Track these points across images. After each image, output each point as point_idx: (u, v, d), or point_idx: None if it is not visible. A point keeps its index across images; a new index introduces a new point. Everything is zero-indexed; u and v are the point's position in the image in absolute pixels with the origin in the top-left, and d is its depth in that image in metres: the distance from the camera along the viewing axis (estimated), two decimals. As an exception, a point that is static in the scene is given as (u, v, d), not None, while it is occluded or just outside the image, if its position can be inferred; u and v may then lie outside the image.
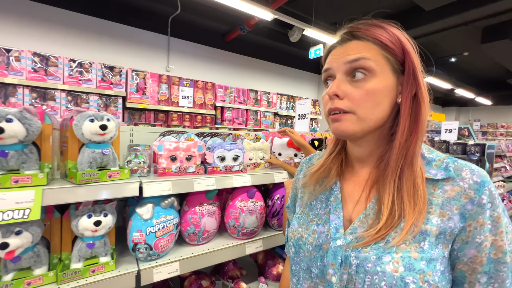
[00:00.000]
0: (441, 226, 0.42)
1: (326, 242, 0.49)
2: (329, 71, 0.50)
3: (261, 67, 5.31)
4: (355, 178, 0.55)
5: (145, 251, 0.97)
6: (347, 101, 0.46)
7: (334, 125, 0.48)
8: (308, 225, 0.55)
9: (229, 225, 1.22)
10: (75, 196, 0.81)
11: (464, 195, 0.43)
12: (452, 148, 3.62)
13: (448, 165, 0.46)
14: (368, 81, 0.46)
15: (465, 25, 4.60)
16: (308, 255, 0.51)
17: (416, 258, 0.41)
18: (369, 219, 0.47)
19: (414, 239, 0.42)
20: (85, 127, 0.83)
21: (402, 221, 0.44)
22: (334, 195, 0.54)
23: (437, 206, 0.44)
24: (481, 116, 11.14)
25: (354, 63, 0.46)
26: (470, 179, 0.43)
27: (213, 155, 1.16)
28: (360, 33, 0.48)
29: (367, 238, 0.44)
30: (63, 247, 0.93)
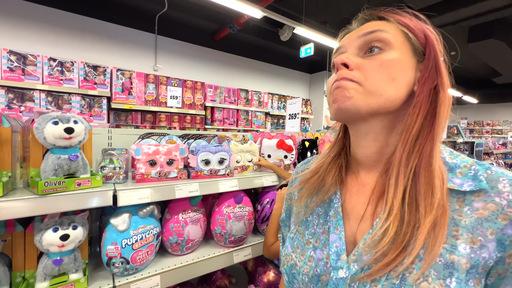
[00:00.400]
0: (472, 257, 0.32)
1: (325, 272, 0.40)
2: (341, 50, 0.44)
3: (251, 66, 5.24)
4: (359, 188, 0.44)
5: (121, 265, 0.88)
6: (356, 72, 0.39)
7: (336, 91, 0.39)
8: (303, 249, 0.45)
9: (216, 232, 1.14)
10: (35, 209, 0.72)
11: (502, 215, 0.32)
12: (442, 146, 3.65)
13: (477, 173, 0.35)
14: (383, 53, 0.39)
15: (453, 25, 4.66)
16: (304, 284, 0.42)
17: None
18: (377, 241, 0.36)
19: (438, 274, 0.32)
20: (47, 130, 0.73)
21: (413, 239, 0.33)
22: (333, 209, 0.44)
23: (465, 228, 0.33)
24: (468, 114, 11.42)
25: (368, 36, 0.40)
26: (510, 194, 0.33)
27: (197, 159, 1.09)
28: (384, 14, 0.42)
29: (375, 267, 0.34)
30: (27, 264, 0.83)
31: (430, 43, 0.39)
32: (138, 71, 3.43)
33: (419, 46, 0.40)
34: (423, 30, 0.40)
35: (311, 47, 4.26)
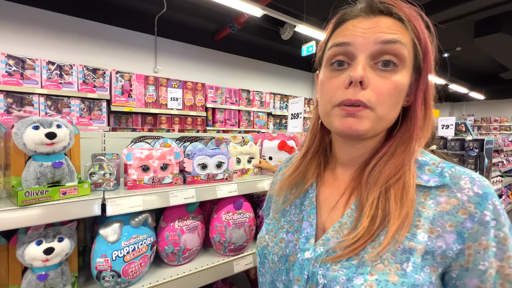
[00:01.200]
0: (428, 244, 0.35)
1: (293, 253, 0.43)
2: (347, 47, 0.39)
3: (252, 66, 5.18)
4: (334, 182, 0.48)
5: (111, 279, 0.82)
6: (370, 93, 0.37)
7: (347, 120, 0.39)
8: (276, 232, 0.49)
9: (214, 240, 1.08)
10: (15, 222, 0.66)
11: (462, 210, 0.35)
12: (450, 144, 3.54)
13: (443, 170, 0.39)
14: (397, 72, 0.38)
15: (458, 19, 4.54)
16: (273, 267, 0.45)
17: (395, 282, 0.33)
18: (344, 228, 0.40)
19: (395, 259, 0.35)
20: (27, 136, 0.68)
21: (384, 230, 0.36)
22: (309, 199, 0.48)
23: (427, 219, 0.36)
24: (475, 111, 11.20)
25: (388, 46, 0.37)
26: (470, 190, 0.36)
27: (193, 163, 1.02)
28: (397, 9, 0.39)
29: (339, 251, 0.38)
30: (10, 279, 0.78)
31: (428, 57, 0.40)
32: (138, 73, 3.39)
33: (420, 59, 0.40)
34: (426, 40, 0.40)
35: (313, 45, 4.18)
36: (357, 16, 0.40)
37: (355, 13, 0.41)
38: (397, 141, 0.41)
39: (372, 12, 0.39)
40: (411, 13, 0.39)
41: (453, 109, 11.82)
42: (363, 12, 0.40)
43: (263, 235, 0.51)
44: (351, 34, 0.39)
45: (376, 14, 0.39)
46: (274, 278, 0.45)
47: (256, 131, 4.55)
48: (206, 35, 4.61)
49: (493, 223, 0.34)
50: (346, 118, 0.39)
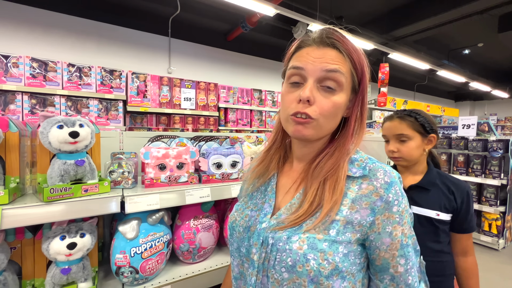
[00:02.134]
0: (348, 217, 0.48)
1: (253, 225, 0.54)
2: (301, 71, 0.50)
3: (265, 65, 5.17)
4: (290, 172, 0.59)
5: (130, 275, 0.84)
6: (315, 108, 0.49)
7: (297, 127, 0.50)
8: (243, 211, 0.59)
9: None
10: (41, 217, 0.69)
11: (375, 193, 0.49)
12: (472, 145, 3.37)
13: (366, 165, 0.52)
14: (335, 94, 0.49)
15: (480, 14, 4.32)
16: (239, 236, 0.56)
17: (320, 239, 0.47)
18: (293, 207, 0.52)
19: (323, 227, 0.48)
20: (52, 135, 0.71)
21: (319, 210, 0.49)
22: (270, 186, 0.59)
23: (350, 200, 0.49)
24: (497, 109, 10.65)
25: (330, 74, 0.48)
26: (382, 180, 0.49)
27: (208, 162, 1.03)
28: (340, 44, 0.49)
29: (286, 223, 0.50)
30: (36, 272, 0.81)
31: (364, 81, 0.52)
32: (152, 73, 3.47)
33: (356, 83, 0.52)
34: (362, 69, 0.51)
35: (326, 43, 4.11)
36: (311, 45, 0.50)
37: (310, 42, 0.51)
38: (335, 143, 0.54)
39: (321, 44, 0.49)
40: (351, 48, 0.50)
41: (474, 108, 11.29)
42: (315, 42, 0.50)
43: (232, 213, 0.62)
44: (305, 60, 0.49)
45: (325, 46, 0.49)
46: (239, 245, 0.56)
47: (268, 130, 4.54)
48: (219, 35, 4.65)
49: (395, 202, 0.48)
50: (297, 125, 0.50)
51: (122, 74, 3.24)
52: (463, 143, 3.48)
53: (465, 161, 3.44)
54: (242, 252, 0.55)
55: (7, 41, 3.03)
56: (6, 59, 2.67)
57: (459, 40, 6.15)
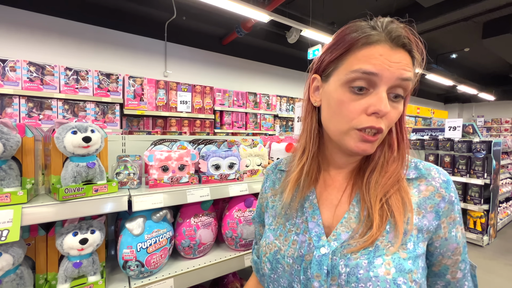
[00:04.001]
0: (418, 224, 0.43)
1: (309, 252, 0.46)
2: (373, 77, 0.41)
3: (259, 69, 5.28)
4: (331, 183, 0.52)
5: (136, 268, 0.91)
6: (385, 121, 0.43)
7: (364, 145, 0.44)
8: (286, 236, 0.50)
9: (227, 236, 1.16)
10: (57, 214, 0.76)
11: (437, 194, 0.45)
12: (457, 146, 3.54)
13: (417, 165, 0.49)
14: (400, 103, 0.45)
15: (465, 21, 4.53)
16: (289, 269, 0.47)
17: (404, 258, 0.41)
18: (351, 223, 0.45)
19: (404, 246, 0.42)
20: (67, 140, 0.78)
21: (389, 221, 0.43)
22: (309, 201, 0.51)
23: (415, 205, 0.45)
24: (485, 112, 11.00)
25: (404, 82, 0.42)
26: (439, 178, 0.46)
27: (207, 164, 1.11)
28: (415, 49, 0.43)
29: (356, 243, 0.43)
30: (49, 267, 0.87)
31: (410, 91, 0.46)
32: (148, 77, 3.53)
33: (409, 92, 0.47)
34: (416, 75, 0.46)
35: (319, 48, 4.24)
36: (383, 44, 0.41)
37: (382, 39, 0.41)
38: (385, 148, 0.49)
39: (397, 45, 0.41)
40: (421, 53, 0.44)
41: (462, 110, 11.64)
42: (390, 41, 0.41)
43: (271, 241, 0.51)
44: (380, 65, 0.40)
45: (400, 48, 0.41)
46: (290, 281, 0.46)
47: (263, 133, 4.63)
48: (214, 39, 4.73)
49: (456, 201, 0.46)
50: (363, 143, 0.44)
51: (119, 78, 3.29)
52: (449, 145, 3.64)
53: (451, 161, 3.60)
54: (294, 286, 0.46)
55: (4, 45, 3.06)
56: (4, 63, 2.70)
57: (447, 45, 6.38)
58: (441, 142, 3.75)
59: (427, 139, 3.93)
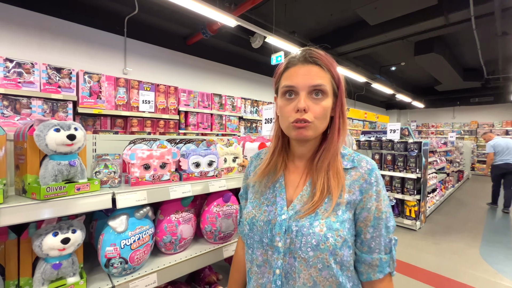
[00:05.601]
0: (348, 199, 0.62)
1: (274, 218, 0.65)
2: (293, 88, 0.63)
3: (224, 71, 5.33)
4: (295, 169, 0.71)
5: (120, 265, 0.92)
6: (310, 114, 0.61)
7: (299, 131, 0.62)
8: (260, 207, 0.69)
9: (206, 230, 1.22)
10: (39, 214, 0.74)
11: (362, 178, 0.64)
12: (397, 146, 4.14)
13: (354, 158, 0.68)
14: (323, 100, 0.63)
15: (402, 39, 5.32)
16: (260, 229, 0.66)
17: (334, 221, 0.60)
18: (304, 198, 0.64)
19: (339, 208, 0.62)
20: (49, 137, 0.76)
21: (327, 196, 0.62)
22: (279, 183, 0.70)
23: (347, 186, 0.64)
24: (417, 117, 12.89)
25: (317, 87, 0.62)
26: (366, 167, 0.65)
27: (188, 162, 1.16)
28: (321, 62, 0.63)
29: (303, 212, 0.62)
30: (21, 271, 0.83)
31: (340, 87, 0.66)
32: (106, 74, 3.30)
33: (336, 89, 0.66)
34: (338, 77, 0.65)
35: (282, 55, 4.51)
36: (297, 64, 0.63)
37: (295, 62, 0.64)
38: (328, 140, 0.66)
39: (305, 62, 0.63)
40: (329, 62, 0.63)
41: (400, 115, 13.42)
42: (300, 61, 0.63)
43: (250, 210, 0.71)
44: (295, 78, 0.62)
45: (308, 63, 0.62)
46: (261, 237, 0.66)
47: (228, 134, 4.70)
48: (178, 39, 4.64)
49: (375, 183, 0.63)
50: (299, 129, 0.62)
51: (72, 73, 3.02)
52: (391, 145, 4.23)
53: (392, 159, 4.18)
54: (264, 242, 0.64)
55: None
56: None
57: (388, 58, 7.35)
58: (384, 143, 4.33)
59: (373, 140, 4.50)
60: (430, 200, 4.82)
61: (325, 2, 4.40)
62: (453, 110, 11.62)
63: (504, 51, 5.78)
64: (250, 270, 0.71)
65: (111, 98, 3.35)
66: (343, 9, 4.60)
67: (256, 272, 0.68)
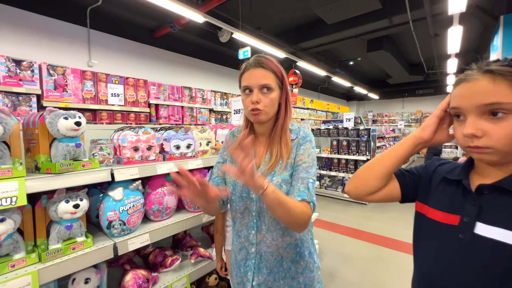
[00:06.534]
0: (290, 160, 0.86)
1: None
2: (249, 86, 0.86)
3: (194, 64, 5.43)
4: (259, 144, 0.94)
5: (119, 226, 1.15)
6: (261, 104, 0.84)
7: (255, 116, 0.85)
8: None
9: (187, 201, 1.49)
10: (56, 183, 0.95)
11: (297, 140, 0.90)
12: (351, 132, 4.73)
13: (298, 132, 0.92)
14: (270, 94, 0.86)
15: (356, 37, 5.92)
16: (240, 188, 0.90)
17: (285, 175, 0.84)
18: (266, 163, 0.88)
19: (288, 167, 0.86)
20: (60, 124, 0.96)
21: (281, 160, 0.86)
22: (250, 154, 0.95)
23: (293, 152, 0.87)
24: (373, 108, 14.19)
25: (264, 85, 0.85)
26: (302, 135, 0.91)
27: (170, 145, 1.41)
28: (266, 66, 0.86)
29: (266, 171, 0.86)
30: (37, 233, 1.03)
31: (284, 81, 0.88)
32: (69, 66, 3.24)
33: (280, 84, 0.88)
34: (281, 73, 0.88)
35: (249, 50, 4.77)
36: (250, 68, 0.85)
37: (249, 67, 0.86)
38: (279, 121, 0.89)
39: (255, 66, 0.84)
40: (272, 65, 0.85)
41: (359, 106, 14.63)
42: (251, 66, 0.85)
43: (230, 176, 0.94)
44: (248, 80, 0.84)
45: (257, 67, 0.84)
46: (241, 192, 0.89)
47: (202, 125, 4.87)
48: (145, 31, 4.61)
49: (303, 144, 0.87)
50: (255, 115, 0.84)
51: (34, 66, 2.94)
52: (346, 132, 4.82)
53: (347, 144, 4.77)
54: (243, 196, 0.88)
55: None
56: None
57: (346, 54, 8.03)
58: (341, 130, 4.91)
59: (331, 128, 5.06)
60: (380, 179, 5.57)
61: (288, 0, 4.73)
62: (403, 101, 13.07)
63: (438, 50, 6.75)
64: (235, 216, 0.95)
65: (78, 91, 3.32)
66: (304, 8, 4.98)
67: (239, 217, 0.92)
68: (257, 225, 0.88)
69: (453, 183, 0.64)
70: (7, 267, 0.90)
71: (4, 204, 0.83)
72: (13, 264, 0.91)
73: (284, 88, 0.89)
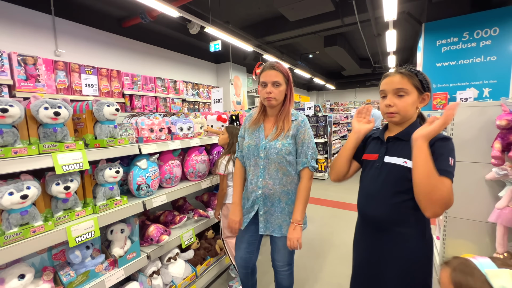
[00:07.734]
0: (292, 133, 1.27)
1: (259, 143, 1.31)
2: (265, 81, 1.25)
3: (165, 56, 5.51)
4: (268, 121, 1.35)
5: (146, 189, 1.53)
6: (273, 94, 1.24)
7: (269, 101, 1.26)
8: (252, 139, 1.34)
9: (189, 172, 1.89)
10: (107, 154, 1.29)
11: (298, 124, 1.30)
12: (311, 119, 5.44)
13: (297, 116, 1.32)
14: (279, 87, 1.26)
15: (314, 34, 6.59)
16: (252, 149, 1.32)
17: (285, 142, 1.26)
18: (272, 134, 1.29)
19: (287, 137, 1.28)
20: (105, 110, 1.29)
21: (282, 132, 1.28)
22: (261, 127, 1.34)
23: (292, 127, 1.28)
24: (330, 97, 15.53)
25: (276, 82, 1.25)
26: (300, 119, 1.32)
27: (176, 127, 1.78)
28: (277, 68, 1.26)
29: (271, 139, 1.29)
30: (86, 194, 1.35)
31: (290, 80, 1.31)
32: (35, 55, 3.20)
33: (286, 80, 1.30)
34: (288, 73, 1.30)
35: (219, 43, 5.07)
36: (266, 70, 1.26)
37: (266, 69, 1.26)
38: (284, 106, 1.31)
39: (270, 69, 1.25)
40: (282, 68, 1.26)
41: (319, 96, 15.85)
42: (267, 68, 1.26)
43: (247, 141, 1.35)
44: (265, 77, 1.25)
45: (271, 69, 1.25)
46: (253, 152, 1.31)
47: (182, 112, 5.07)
48: (112, 20, 4.56)
49: (303, 127, 1.30)
50: (269, 101, 1.26)
51: (3, 55, 2.87)
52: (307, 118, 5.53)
53: (308, 129, 5.50)
54: (254, 154, 1.30)
55: None
56: None
57: (306, 48, 8.75)
58: (303, 117, 5.60)
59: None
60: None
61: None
62: (355, 91, 14.59)
63: (381, 47, 7.84)
64: (248, 169, 1.37)
65: (51, 81, 3.31)
66: (268, 4, 5.41)
67: (251, 169, 1.35)
68: (263, 175, 1.31)
69: (377, 139, 1.09)
70: (74, 215, 1.23)
71: (76, 168, 1.16)
72: (78, 213, 1.25)
73: (289, 84, 1.28)
